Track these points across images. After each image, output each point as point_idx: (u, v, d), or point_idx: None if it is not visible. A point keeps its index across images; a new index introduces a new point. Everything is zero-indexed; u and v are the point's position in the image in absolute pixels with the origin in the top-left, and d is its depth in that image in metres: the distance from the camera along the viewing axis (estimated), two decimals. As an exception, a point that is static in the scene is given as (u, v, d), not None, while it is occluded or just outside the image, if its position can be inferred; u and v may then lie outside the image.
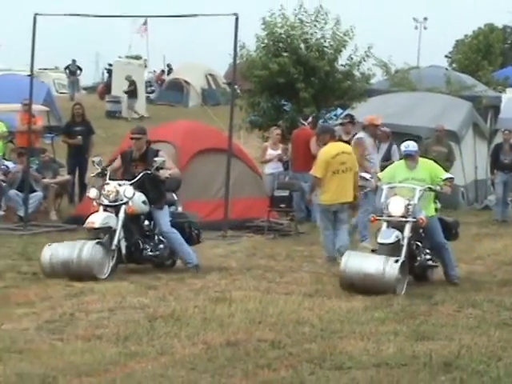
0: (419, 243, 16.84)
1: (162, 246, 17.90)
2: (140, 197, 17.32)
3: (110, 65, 60.57)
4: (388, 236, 15.90)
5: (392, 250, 15.80)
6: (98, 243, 16.45)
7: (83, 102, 35.63)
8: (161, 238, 17.92)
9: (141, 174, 17.37)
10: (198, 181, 23.51)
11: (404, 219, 15.95)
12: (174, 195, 19.51)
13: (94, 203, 17.28)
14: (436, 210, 17.58)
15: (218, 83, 60.66)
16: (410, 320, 14.65)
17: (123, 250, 17.14)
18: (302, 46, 34.58)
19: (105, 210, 17.05)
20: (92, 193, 17.69)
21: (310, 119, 28.82)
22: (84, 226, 17.48)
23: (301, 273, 19.10)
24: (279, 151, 27.26)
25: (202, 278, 17.95)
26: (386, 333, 13.76)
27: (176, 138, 24.74)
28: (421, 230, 16.86)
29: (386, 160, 26.29)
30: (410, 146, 17.22)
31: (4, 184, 24.52)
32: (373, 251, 17.46)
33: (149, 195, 17.50)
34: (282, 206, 24.98)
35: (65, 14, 26.17)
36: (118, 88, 54.14)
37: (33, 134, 25.11)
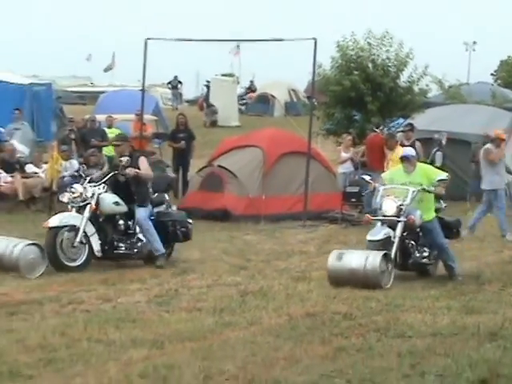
0: (413, 242, 15.61)
1: (140, 244, 16.76)
2: (111, 198, 16.43)
3: (208, 81, 60.51)
4: (376, 233, 14.93)
5: (381, 246, 14.78)
6: (31, 244, 15.40)
7: (185, 112, 35.60)
8: (140, 236, 16.86)
9: (108, 175, 16.57)
10: (281, 179, 23.45)
11: (396, 218, 14.90)
12: (165, 195, 18.78)
13: (69, 207, 16.36)
14: (438, 210, 16.23)
15: (298, 97, 60.36)
16: (460, 297, 14.59)
17: (96, 247, 16.02)
18: (370, 65, 34.51)
19: (77, 211, 16.05)
20: (64, 197, 16.82)
21: (381, 127, 28.86)
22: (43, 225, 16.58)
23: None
24: (350, 154, 27.24)
25: (285, 261, 17.94)
26: (441, 307, 13.74)
27: (263, 143, 24.70)
28: (418, 230, 15.74)
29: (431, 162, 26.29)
30: (407, 150, 16.51)
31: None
32: None
33: (133, 195, 16.56)
34: (353, 200, 24.92)
35: (171, 39, 26.19)
36: (215, 101, 54.35)
37: (144, 139, 25.26)
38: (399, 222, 14.76)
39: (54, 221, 15.71)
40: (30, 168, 24.44)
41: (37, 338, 11.08)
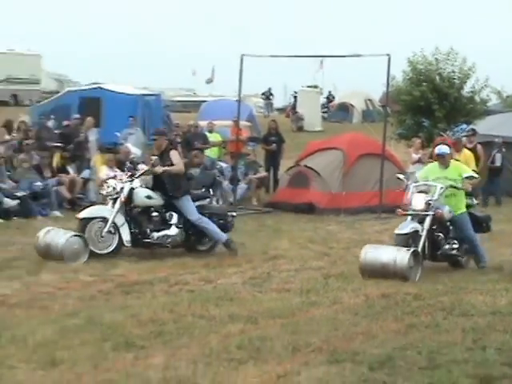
0: (442, 234, 14.69)
1: (174, 233, 15.78)
2: (143, 192, 15.81)
3: (296, 92, 60.51)
4: (404, 227, 14.21)
5: (408, 239, 14.09)
6: (75, 236, 14.87)
7: (275, 119, 35.67)
8: (177, 226, 15.91)
9: (140, 172, 16.08)
10: (359, 177, 23.42)
11: (425, 213, 14.15)
12: (209, 191, 18.40)
13: (107, 199, 15.79)
14: (470, 206, 15.43)
15: (374, 105, 60.11)
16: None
17: (125, 237, 15.32)
18: (437, 78, 34.53)
19: (113, 204, 15.42)
20: (103, 191, 16.31)
21: (447, 132, 28.71)
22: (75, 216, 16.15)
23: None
24: (419, 155, 27.09)
25: (362, 248, 17.77)
26: (499, 289, 13.60)
27: (343, 145, 24.70)
28: (448, 224, 14.91)
29: (492, 163, 26.23)
30: (443, 148, 15.33)
31: (218, 178, 24.71)
32: None
33: (167, 188, 15.85)
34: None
35: (264, 56, 26.23)
36: (301, 109, 54.42)
37: (240, 142, 25.31)
38: (427, 216, 14.15)
39: (85, 213, 15.50)
40: (142, 167, 24.63)
41: (148, 313, 11.22)
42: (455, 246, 14.99)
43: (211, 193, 18.08)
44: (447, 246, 14.76)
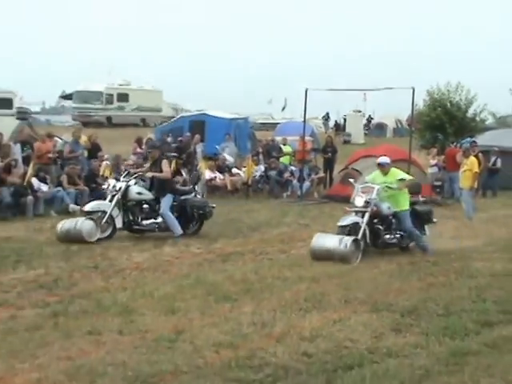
0: (381, 227, 13.39)
1: (159, 220, 14.73)
2: (135, 189, 14.79)
3: (345, 115, 60.25)
4: (344, 220, 13.10)
5: (349, 230, 12.88)
6: (88, 218, 14.14)
7: (330, 135, 35.59)
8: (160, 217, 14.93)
9: (135, 175, 15.02)
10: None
11: (364, 209, 13.03)
12: (195, 187, 17.19)
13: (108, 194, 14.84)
14: (415, 203, 14.18)
15: (402, 124, 59.27)
16: (509, 251, 14.26)
17: (118, 224, 14.42)
18: (448, 104, 34.57)
19: (111, 198, 14.52)
20: (106, 188, 15.31)
21: (455, 143, 28.55)
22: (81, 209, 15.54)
23: (452, 222, 18.40)
24: (435, 161, 26.88)
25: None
26: (496, 258, 13.49)
27: (380, 153, 24.49)
28: (390, 218, 13.64)
29: (493, 165, 25.99)
30: (383, 159, 14.11)
31: (290, 178, 24.70)
32: None
33: (155, 188, 14.93)
34: (437, 190, 24.73)
35: (325, 89, 26.09)
36: (349, 128, 54.48)
37: (305, 152, 25.26)
38: (366, 212, 13.03)
39: (88, 207, 14.67)
40: (234, 170, 24.77)
41: (240, 275, 11.27)
42: (397, 236, 13.75)
43: (196, 189, 17.03)
44: (387, 236, 13.51)
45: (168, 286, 10.42)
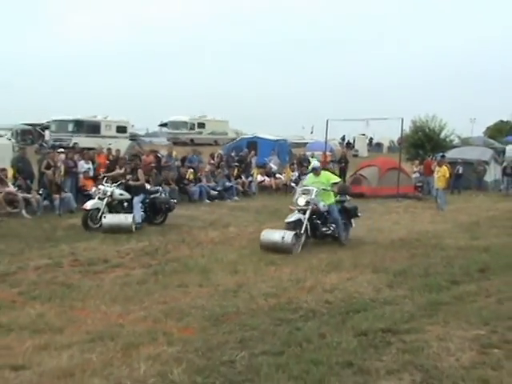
0: (319, 221, 11.78)
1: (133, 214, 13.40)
2: (118, 191, 13.69)
3: (354, 138, 59.55)
4: (291, 218, 11.36)
5: (294, 225, 11.24)
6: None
7: (344, 151, 35.39)
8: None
9: (118, 183, 13.87)
10: (387, 179, 22.71)
11: (305, 207, 11.41)
12: (159, 188, 15.78)
13: (95, 196, 13.85)
14: (343, 201, 12.60)
15: (394, 144, 57.77)
16: (470, 232, 13.98)
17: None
18: (427, 129, 34.38)
19: (99, 199, 13.56)
20: (93, 191, 14.49)
21: (431, 156, 28.11)
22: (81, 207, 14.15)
23: (428, 211, 18.28)
24: (417, 169, 26.48)
25: (389, 214, 17.50)
26: (461, 237, 13.18)
27: (378, 164, 24.37)
28: (325, 213, 12.05)
29: (457, 172, 25.59)
30: (316, 164, 12.83)
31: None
32: None
33: (131, 190, 13.79)
34: (419, 189, 24.31)
35: (338, 120, 25.97)
36: (357, 146, 54.29)
37: (326, 162, 25.16)
38: (307, 209, 11.41)
39: (88, 205, 13.42)
40: (277, 175, 24.78)
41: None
42: (331, 228, 12.10)
43: (160, 189, 15.73)
44: (324, 229, 11.91)
45: (233, 254, 10.42)
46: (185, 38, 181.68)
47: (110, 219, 12.97)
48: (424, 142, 34.51)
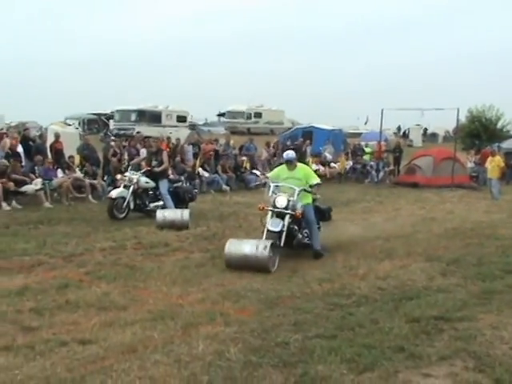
0: (296, 226, 9.19)
1: (161, 203, 13.14)
2: (144, 179, 13.18)
3: (408, 128, 58.21)
4: (276, 225, 8.71)
5: (277, 235, 8.65)
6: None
7: (399, 140, 34.67)
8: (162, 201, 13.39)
9: (143, 170, 13.35)
10: (442, 169, 22.19)
11: (285, 211, 8.87)
12: (181, 177, 15.48)
13: (120, 184, 13.38)
14: (314, 200, 9.79)
15: (449, 133, 56.27)
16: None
17: (131, 206, 12.82)
18: (483, 119, 33.18)
19: (124, 187, 13.06)
20: (118, 179, 14.04)
21: (488, 147, 27.20)
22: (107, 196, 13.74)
23: (484, 202, 17.77)
24: (473, 159, 25.72)
25: (444, 203, 17.16)
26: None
27: (433, 154, 23.84)
28: (301, 217, 9.25)
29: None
30: (290, 154, 9.83)
31: (369, 168, 24.29)
32: None
33: (157, 175, 13.17)
34: (474, 179, 23.61)
35: (401, 109, 25.44)
36: (412, 136, 53.20)
37: (381, 152, 24.83)
38: (287, 213, 8.86)
39: (113, 193, 13.01)
40: (332, 164, 24.63)
41: (334, 235, 11.08)
42: (306, 234, 9.59)
43: (182, 178, 15.41)
44: (300, 236, 9.36)
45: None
46: (238, 28, 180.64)
47: (165, 214, 12.05)
48: (480, 132, 33.75)
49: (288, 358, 4.96)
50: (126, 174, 13.61)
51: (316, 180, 9.50)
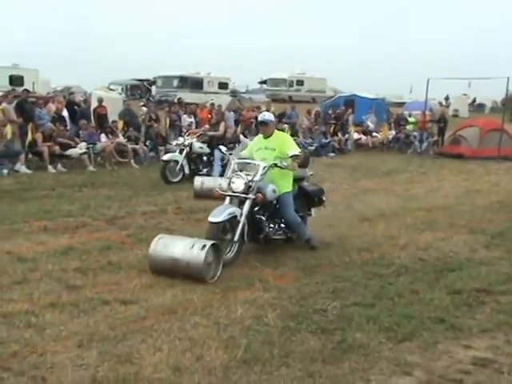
0: (263, 217, 7.03)
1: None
2: (197, 144, 13.32)
3: (451, 97, 56.79)
4: (219, 214, 6.51)
5: (224, 227, 6.58)
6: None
7: (444, 110, 33.77)
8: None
9: (198, 134, 13.35)
10: (488, 141, 21.50)
11: (244, 195, 6.83)
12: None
13: (176, 148, 13.42)
14: (302, 179, 7.90)
15: (497, 104, 55.05)
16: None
17: (187, 171, 13.03)
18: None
19: (180, 152, 13.09)
20: (173, 143, 14.11)
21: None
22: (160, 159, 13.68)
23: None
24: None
25: (489, 175, 16.64)
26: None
27: (480, 124, 23.04)
28: (274, 203, 7.23)
29: None
30: (266, 115, 7.51)
31: (413, 139, 23.85)
32: None
33: (212, 142, 13.36)
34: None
35: (447, 78, 24.82)
36: (456, 105, 51.68)
37: (425, 122, 24.29)
38: (247, 199, 6.81)
39: (165, 156, 13.16)
40: (374, 134, 24.29)
41: (376, 204, 11.01)
42: (282, 226, 7.43)
43: (235, 145, 14.34)
44: (271, 229, 7.21)
45: (328, 210, 10.34)
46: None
47: (204, 181, 11.51)
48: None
49: (326, 325, 4.98)
50: (180, 138, 13.74)
51: (293, 150, 7.22)
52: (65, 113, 15.98)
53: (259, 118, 7.59)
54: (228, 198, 6.94)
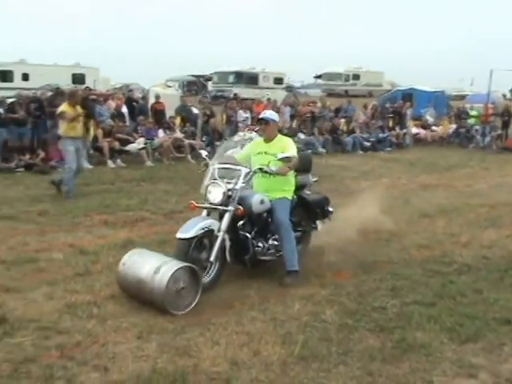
0: (248, 234, 5.63)
1: None
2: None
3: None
4: (188, 229, 5.20)
5: (201, 244, 5.36)
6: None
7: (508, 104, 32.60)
8: None
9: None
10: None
11: (223, 207, 5.50)
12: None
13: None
14: (304, 186, 6.51)
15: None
16: None
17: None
18: None
19: None
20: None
21: None
22: None
23: None
24: None
25: None
26: None
27: None
28: (264, 215, 5.84)
29: None
30: (267, 113, 6.15)
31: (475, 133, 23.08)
32: None
33: None
34: None
35: (506, 70, 23.93)
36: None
37: (488, 115, 23.50)
38: (226, 211, 5.52)
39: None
40: (433, 128, 23.71)
41: (435, 200, 10.73)
42: (275, 243, 6.01)
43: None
44: (259, 248, 5.85)
45: (386, 205, 10.07)
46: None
47: None
48: None
49: (385, 323, 4.89)
50: (240, 133, 13.84)
51: (285, 152, 5.84)
52: (124, 109, 16.32)
53: (261, 116, 6.19)
54: (205, 211, 5.70)
